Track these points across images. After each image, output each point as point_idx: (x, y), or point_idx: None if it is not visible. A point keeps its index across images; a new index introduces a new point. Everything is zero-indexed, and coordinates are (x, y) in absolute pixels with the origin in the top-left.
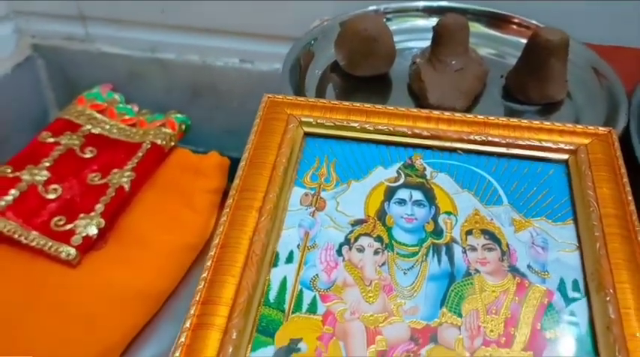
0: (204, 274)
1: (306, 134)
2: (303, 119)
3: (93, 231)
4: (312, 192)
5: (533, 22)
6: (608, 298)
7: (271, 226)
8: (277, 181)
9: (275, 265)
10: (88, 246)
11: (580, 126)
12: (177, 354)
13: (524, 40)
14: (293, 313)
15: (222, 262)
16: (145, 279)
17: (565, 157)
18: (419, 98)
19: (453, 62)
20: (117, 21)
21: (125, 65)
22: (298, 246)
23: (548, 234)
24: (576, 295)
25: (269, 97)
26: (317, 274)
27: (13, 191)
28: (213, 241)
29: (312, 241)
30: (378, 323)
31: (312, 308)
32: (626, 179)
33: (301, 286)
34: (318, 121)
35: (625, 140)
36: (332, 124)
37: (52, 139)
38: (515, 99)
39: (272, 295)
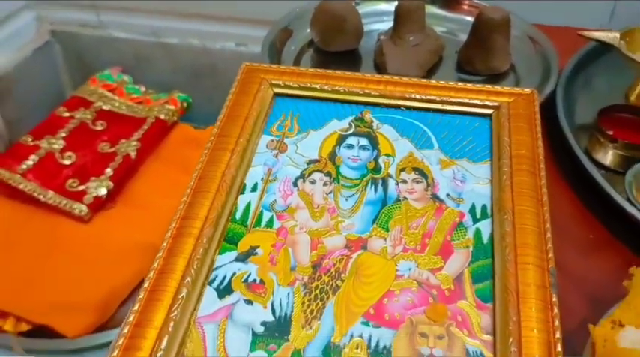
0: (184, 198)
1: (276, 94)
2: (274, 82)
3: (102, 192)
4: (277, 139)
5: (483, 2)
6: (506, 217)
7: (240, 163)
8: (248, 130)
9: (242, 192)
10: (99, 205)
11: (507, 88)
12: (160, 254)
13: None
14: (254, 227)
15: (199, 189)
16: (147, 235)
17: (490, 112)
18: (381, 69)
19: (411, 38)
20: (126, 9)
21: (133, 49)
22: (262, 179)
23: (467, 171)
24: (483, 216)
25: (246, 65)
26: (275, 200)
27: (33, 157)
28: (193, 174)
29: (274, 176)
30: (321, 235)
31: (269, 224)
32: (539, 128)
33: (262, 208)
34: (286, 83)
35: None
36: (297, 86)
37: (67, 114)
38: (466, 71)
39: (238, 215)
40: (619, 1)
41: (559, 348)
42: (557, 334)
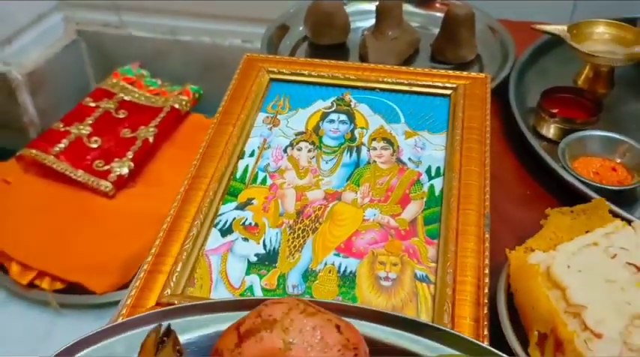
0: (195, 162)
1: (271, 79)
2: (270, 69)
3: (124, 171)
4: (272, 116)
5: (453, 0)
6: (454, 175)
7: (241, 134)
8: (248, 108)
9: (242, 157)
10: (121, 183)
11: (465, 73)
12: (175, 204)
13: None
14: (251, 184)
15: (207, 155)
16: (162, 208)
17: (449, 92)
18: (364, 60)
19: (390, 33)
20: (145, 10)
21: (151, 46)
22: (258, 147)
23: (427, 140)
24: (437, 175)
25: (247, 56)
26: (268, 163)
27: (64, 141)
28: (202, 144)
29: (268, 145)
30: (304, 190)
31: (263, 182)
32: (488, 106)
33: (257, 169)
34: (280, 70)
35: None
36: (289, 72)
37: (93, 104)
38: (438, 60)
39: (238, 174)
40: (579, 0)
41: (487, 270)
42: (486, 261)
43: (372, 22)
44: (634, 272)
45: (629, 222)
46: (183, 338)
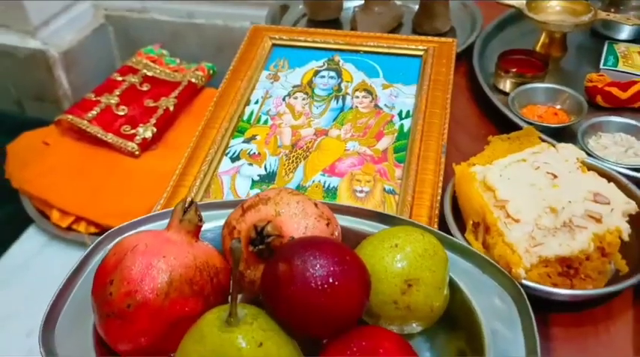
0: (210, 107)
1: (273, 45)
2: (272, 36)
3: (148, 134)
4: (273, 73)
5: None
6: (420, 115)
7: (247, 86)
8: (254, 67)
9: (248, 104)
10: (145, 145)
11: (436, 38)
12: (194, 138)
13: None
14: (255, 124)
15: (219, 102)
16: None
17: (421, 53)
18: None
19: (376, 9)
20: None
21: (170, 29)
22: (262, 97)
23: (400, 90)
24: (406, 116)
25: (254, 26)
26: (270, 108)
27: (96, 108)
28: (216, 94)
29: (270, 95)
30: (298, 128)
31: (265, 122)
32: (452, 64)
33: (261, 114)
34: (281, 37)
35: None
36: (288, 39)
37: (120, 78)
38: (418, 32)
39: (245, 117)
40: None
41: (440, 184)
42: (440, 177)
43: (362, 1)
44: (551, 178)
45: (554, 145)
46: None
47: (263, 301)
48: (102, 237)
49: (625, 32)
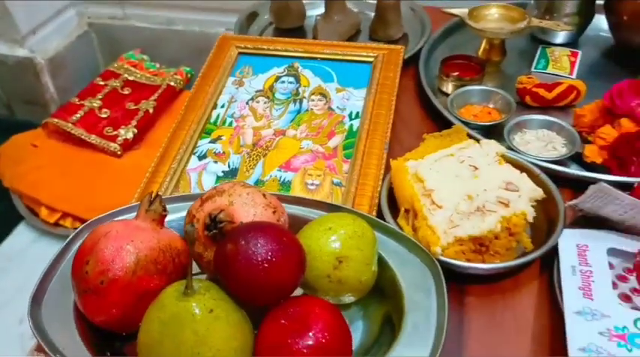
0: (181, 111)
1: (239, 53)
2: (238, 45)
3: (129, 135)
4: (239, 79)
5: None
6: (367, 116)
7: (215, 92)
8: (221, 74)
9: (215, 108)
10: (127, 145)
11: (385, 45)
12: (166, 139)
13: None
14: (221, 126)
15: (189, 106)
16: None
17: (371, 59)
18: (315, 39)
19: (336, 17)
20: (144, 4)
21: (150, 35)
22: (228, 101)
23: (351, 93)
24: (355, 117)
25: (222, 35)
26: (235, 111)
27: (80, 112)
28: (187, 98)
29: (235, 99)
30: (259, 129)
31: (230, 124)
32: (399, 69)
33: (226, 116)
34: (246, 46)
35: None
36: (253, 47)
37: (102, 82)
38: (373, 39)
39: (212, 119)
40: None
41: (381, 177)
42: (382, 171)
43: (322, 9)
44: (473, 170)
45: (478, 141)
46: (167, 218)
47: (215, 275)
48: (82, 226)
49: (560, 37)
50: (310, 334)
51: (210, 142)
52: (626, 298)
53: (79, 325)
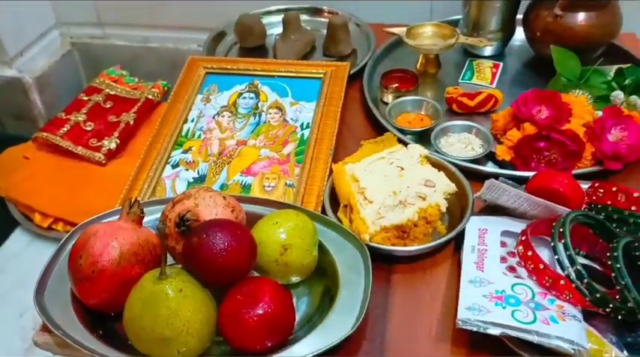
0: (156, 126)
1: (207, 73)
2: (205, 66)
3: (112, 146)
4: (206, 96)
5: (336, 10)
6: (316, 127)
7: (185, 108)
8: (190, 92)
9: (185, 122)
10: (111, 154)
11: (333, 62)
12: (144, 150)
13: None
14: (191, 138)
15: (163, 122)
16: None
17: (321, 76)
18: (275, 56)
19: (292, 37)
20: (122, 24)
21: (128, 52)
22: (196, 116)
23: (304, 106)
24: (306, 127)
25: (191, 57)
26: (203, 125)
27: (66, 126)
28: (161, 115)
29: (203, 114)
30: (224, 140)
31: (199, 136)
32: (344, 83)
33: (196, 130)
34: (212, 66)
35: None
36: (218, 67)
37: (86, 98)
38: (326, 55)
39: (183, 133)
40: (434, 1)
41: (326, 178)
42: (327, 174)
43: (281, 29)
44: (399, 170)
45: (406, 145)
46: (146, 219)
47: (185, 263)
48: (74, 228)
49: (488, 50)
50: (259, 305)
51: (182, 152)
52: (511, 269)
53: (76, 308)
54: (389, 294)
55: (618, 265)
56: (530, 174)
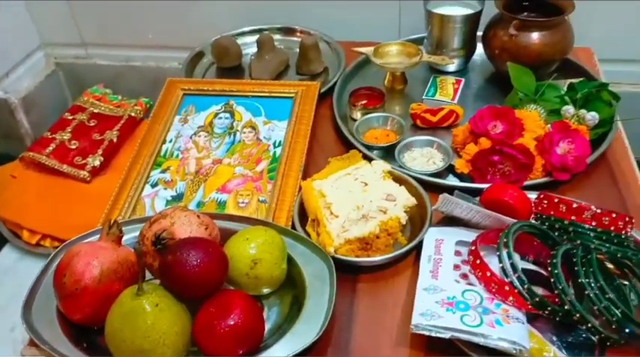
0: (136, 147)
1: (184, 94)
2: (183, 87)
3: (97, 163)
4: (183, 117)
5: (310, 30)
6: (287, 144)
7: (164, 129)
8: (169, 113)
9: (164, 143)
10: (95, 172)
11: (304, 82)
12: (125, 170)
13: None
14: (169, 158)
15: (142, 145)
16: None
17: (293, 95)
18: (251, 76)
19: (267, 57)
20: (105, 45)
21: (111, 71)
22: (175, 136)
23: (276, 125)
24: (279, 145)
25: (169, 79)
26: (181, 145)
27: (52, 145)
28: (141, 136)
29: (181, 134)
30: (201, 159)
31: (177, 156)
32: (315, 102)
33: (174, 150)
34: (189, 88)
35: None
36: (195, 89)
37: (70, 116)
38: (299, 73)
39: (162, 153)
40: (402, 20)
41: (297, 194)
42: (297, 190)
43: (255, 49)
44: (363, 186)
45: (370, 162)
46: (126, 237)
47: (161, 279)
48: (59, 248)
49: (452, 66)
50: (230, 316)
51: (160, 172)
52: (464, 276)
53: (61, 323)
54: (354, 302)
55: (556, 271)
56: (487, 186)
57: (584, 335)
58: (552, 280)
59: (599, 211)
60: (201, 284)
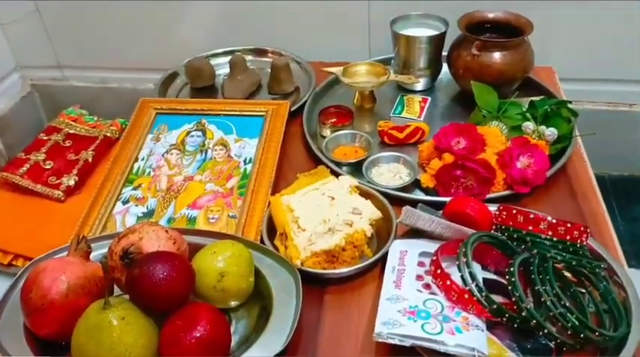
0: (108, 164)
1: (157, 113)
2: (155, 106)
3: (71, 183)
4: (156, 135)
5: (281, 50)
6: (257, 161)
7: (136, 148)
8: (141, 132)
9: (136, 161)
10: (69, 191)
11: (275, 101)
12: (96, 189)
13: None
14: (141, 175)
15: (115, 160)
16: None
17: (263, 114)
18: (224, 95)
19: (239, 77)
20: (81, 67)
21: (87, 93)
22: (147, 154)
23: (247, 143)
24: (249, 162)
25: (142, 99)
26: (152, 163)
27: (26, 165)
28: (113, 154)
29: (153, 153)
30: (172, 176)
31: (149, 174)
32: (285, 120)
33: (146, 167)
34: (162, 107)
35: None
36: (168, 108)
37: (46, 137)
38: (271, 93)
39: (134, 171)
40: (371, 41)
41: (266, 209)
42: (266, 205)
43: (228, 70)
44: (330, 200)
45: (337, 177)
46: (95, 253)
47: (128, 293)
48: (28, 264)
49: (419, 85)
50: (196, 329)
51: (132, 189)
52: (427, 286)
53: (29, 339)
54: (321, 313)
55: (513, 279)
56: (445, 199)
57: (543, 341)
58: (509, 287)
59: (554, 221)
60: (167, 297)
